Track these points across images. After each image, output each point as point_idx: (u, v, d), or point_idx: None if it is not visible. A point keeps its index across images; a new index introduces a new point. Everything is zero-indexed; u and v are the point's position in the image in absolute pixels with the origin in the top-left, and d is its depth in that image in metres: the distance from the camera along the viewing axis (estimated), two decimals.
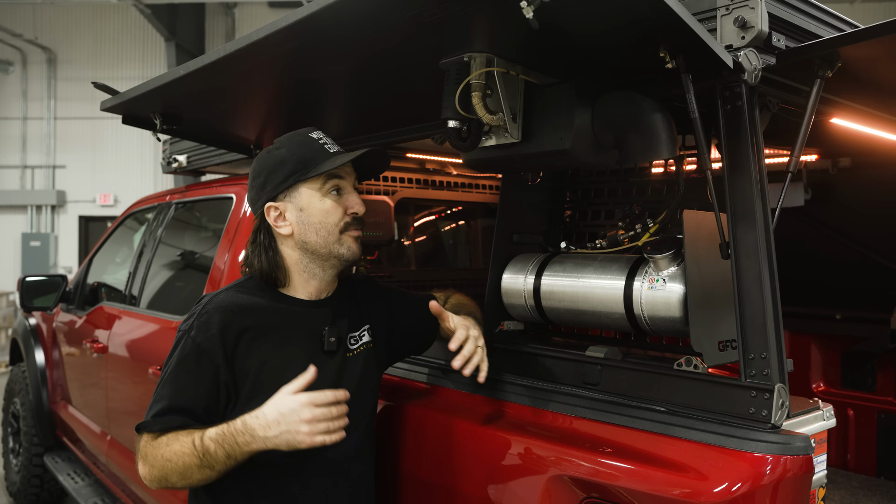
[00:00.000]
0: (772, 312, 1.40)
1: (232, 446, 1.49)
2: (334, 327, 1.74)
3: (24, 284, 4.13)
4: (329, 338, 1.72)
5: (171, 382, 1.62)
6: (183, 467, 1.52)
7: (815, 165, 2.98)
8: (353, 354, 1.77)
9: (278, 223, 1.69)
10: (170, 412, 1.58)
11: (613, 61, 1.58)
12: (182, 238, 3.62)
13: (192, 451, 1.51)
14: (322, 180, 1.69)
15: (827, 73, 1.49)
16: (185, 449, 1.52)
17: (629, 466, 1.40)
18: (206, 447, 1.50)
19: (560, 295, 1.85)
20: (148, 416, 1.60)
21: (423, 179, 3.28)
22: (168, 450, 1.53)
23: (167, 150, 3.83)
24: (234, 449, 1.49)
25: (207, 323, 1.63)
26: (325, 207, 1.69)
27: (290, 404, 1.48)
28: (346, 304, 1.82)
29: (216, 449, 1.49)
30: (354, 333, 1.79)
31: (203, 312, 1.65)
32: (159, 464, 1.54)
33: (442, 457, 1.79)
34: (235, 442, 1.49)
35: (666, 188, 1.93)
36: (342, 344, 1.75)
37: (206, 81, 1.89)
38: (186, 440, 1.53)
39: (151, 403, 1.62)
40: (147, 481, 1.59)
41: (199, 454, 1.50)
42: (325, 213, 1.69)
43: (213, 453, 1.49)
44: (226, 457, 1.49)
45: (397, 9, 1.28)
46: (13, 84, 15.27)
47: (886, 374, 3.05)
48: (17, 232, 14.97)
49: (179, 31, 13.51)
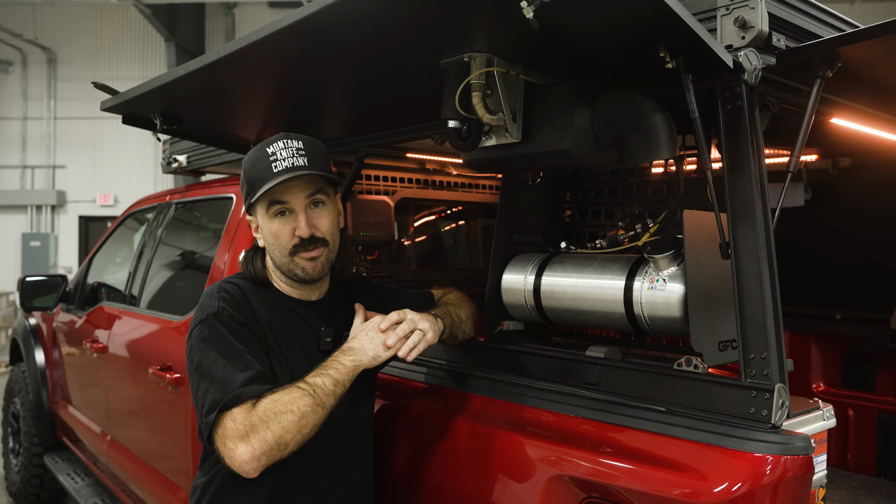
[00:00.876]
0: (772, 312, 1.40)
1: (336, 368, 1.57)
2: (330, 327, 1.77)
3: (24, 284, 4.13)
4: (325, 338, 1.75)
5: (234, 356, 1.56)
6: (300, 414, 1.48)
7: (815, 165, 2.98)
8: None
9: (256, 234, 1.77)
10: (255, 380, 1.53)
11: (613, 61, 1.57)
12: (182, 238, 3.62)
13: (302, 393, 1.50)
14: (265, 203, 1.68)
15: (827, 73, 1.49)
16: (294, 394, 1.50)
17: (629, 466, 1.40)
18: (312, 383, 1.53)
19: (560, 295, 1.85)
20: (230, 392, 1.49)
21: (423, 179, 3.28)
22: (278, 403, 1.48)
23: (167, 150, 3.83)
24: (338, 370, 1.56)
25: (233, 301, 1.67)
26: (273, 230, 1.70)
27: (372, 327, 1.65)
28: (340, 304, 1.83)
29: (322, 380, 1.53)
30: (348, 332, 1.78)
31: (223, 293, 1.69)
32: (274, 421, 1.46)
33: (441, 457, 1.79)
34: (338, 362, 1.58)
35: (666, 188, 1.93)
36: (337, 344, 1.74)
37: (206, 81, 1.88)
38: (289, 390, 1.52)
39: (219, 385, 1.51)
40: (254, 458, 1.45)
41: (310, 391, 1.51)
42: (273, 235, 1.70)
43: (321, 385, 1.53)
44: (333, 384, 1.54)
45: (397, 9, 1.28)
46: (13, 84, 15.27)
47: (886, 374, 3.05)
48: (17, 232, 14.97)
49: (179, 31, 13.51)
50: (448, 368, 1.96)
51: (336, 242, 1.76)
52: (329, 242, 1.73)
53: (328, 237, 1.72)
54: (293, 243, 1.68)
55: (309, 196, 1.69)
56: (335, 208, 1.77)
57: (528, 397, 1.71)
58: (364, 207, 2.91)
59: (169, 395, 2.77)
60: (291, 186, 1.67)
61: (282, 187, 1.65)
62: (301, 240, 1.68)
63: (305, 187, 1.68)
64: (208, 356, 1.57)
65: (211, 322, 1.62)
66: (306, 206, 1.69)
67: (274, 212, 1.68)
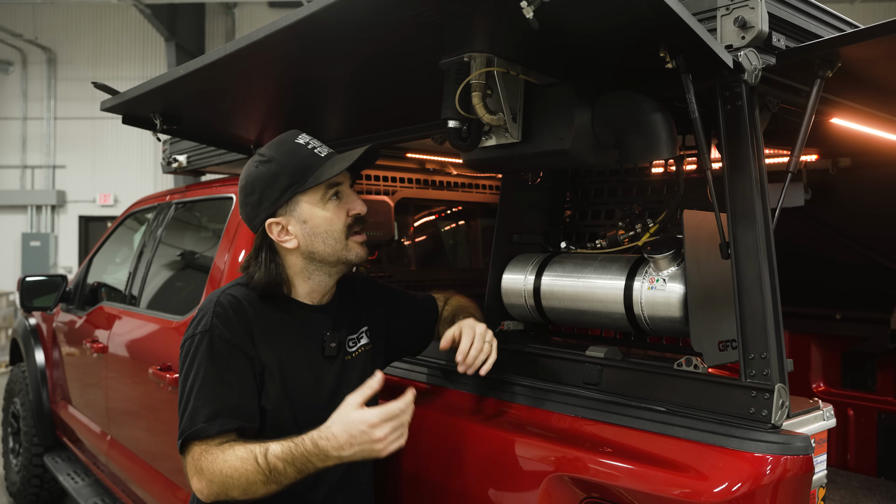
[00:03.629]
0: (772, 312, 1.40)
1: (304, 464, 1.44)
2: (335, 332, 1.73)
3: (24, 284, 4.12)
4: (330, 343, 1.71)
5: (211, 385, 1.54)
6: (247, 484, 1.45)
7: (815, 165, 2.98)
8: (351, 358, 1.77)
9: (282, 237, 1.66)
10: (221, 414, 1.51)
11: (613, 61, 1.57)
12: (182, 238, 3.62)
13: (256, 469, 1.44)
14: (322, 189, 1.65)
15: (827, 73, 1.49)
16: (247, 466, 1.45)
17: (629, 466, 1.40)
18: (272, 465, 1.44)
19: (560, 295, 1.85)
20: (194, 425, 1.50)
21: (423, 179, 3.28)
22: (227, 466, 1.46)
23: (167, 150, 3.82)
24: (306, 467, 1.45)
25: (227, 316, 1.60)
26: (328, 216, 1.66)
27: (359, 426, 1.43)
28: (345, 307, 1.80)
29: (285, 468, 1.44)
30: (353, 336, 1.79)
31: (218, 308, 1.61)
32: (218, 479, 1.46)
33: (442, 457, 1.79)
34: (309, 461, 1.44)
35: (666, 188, 1.93)
36: (342, 348, 1.74)
37: (206, 81, 1.89)
38: (247, 456, 1.45)
39: (189, 413, 1.52)
40: (203, 496, 1.50)
41: (265, 471, 1.44)
42: (329, 221, 1.66)
43: (282, 471, 1.44)
44: (297, 473, 1.45)
45: (397, 9, 1.28)
46: (13, 84, 15.27)
47: (886, 374, 3.05)
48: (17, 232, 14.96)
49: (179, 31, 13.50)
50: (448, 368, 1.96)
51: None
52: None
53: None
54: (348, 224, 1.67)
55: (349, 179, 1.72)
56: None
57: (528, 397, 1.71)
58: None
59: (169, 394, 2.77)
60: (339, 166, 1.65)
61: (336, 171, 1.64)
62: (356, 217, 1.68)
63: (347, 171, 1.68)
64: (190, 377, 1.57)
65: (201, 339, 1.59)
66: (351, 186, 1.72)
67: (330, 195, 1.66)
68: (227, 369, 1.56)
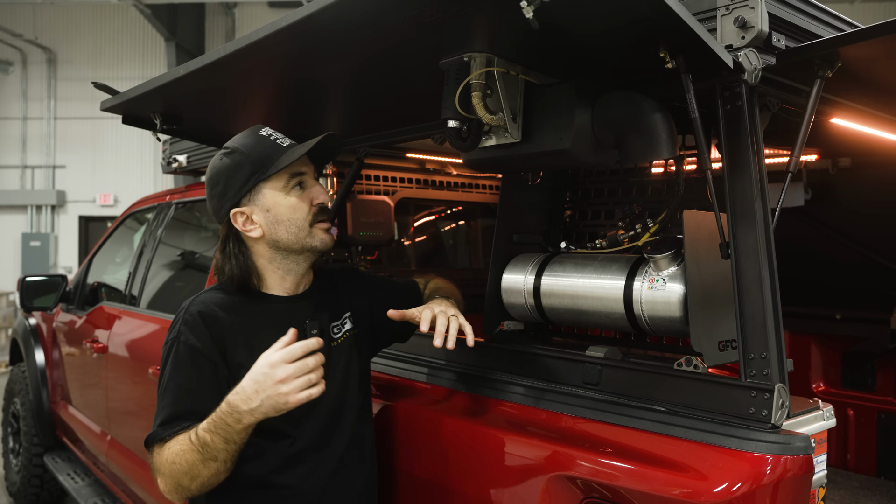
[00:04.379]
0: (772, 312, 1.40)
1: (225, 430, 1.45)
2: (315, 319, 1.73)
3: (24, 284, 4.13)
4: (311, 330, 1.70)
5: (172, 390, 1.59)
6: (188, 466, 1.48)
7: (815, 165, 2.98)
8: (337, 343, 1.77)
9: (247, 227, 1.68)
10: (177, 419, 1.55)
11: (613, 61, 1.57)
12: (182, 238, 3.62)
13: (190, 448, 1.48)
14: (284, 177, 1.68)
15: (827, 73, 1.49)
16: (184, 447, 1.49)
17: (629, 466, 1.40)
18: (202, 439, 1.47)
19: (560, 295, 1.85)
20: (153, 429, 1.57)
21: (423, 179, 3.28)
22: (170, 453, 1.51)
23: (167, 150, 3.83)
24: (227, 432, 1.45)
25: (194, 324, 1.62)
26: (291, 203, 1.68)
27: (262, 369, 1.44)
28: (325, 295, 1.81)
29: (212, 438, 1.46)
30: (336, 322, 1.79)
31: (187, 316, 1.64)
32: (168, 470, 1.51)
33: (441, 457, 1.79)
34: (226, 424, 1.45)
35: (666, 188, 1.93)
36: (325, 334, 1.74)
37: (206, 81, 1.88)
38: (184, 438, 1.50)
39: (155, 416, 1.59)
40: (166, 494, 1.54)
41: (199, 447, 1.47)
42: (292, 209, 1.68)
43: (210, 443, 1.46)
44: (224, 442, 1.46)
45: (397, 9, 1.28)
46: (13, 84, 15.27)
47: (886, 374, 3.05)
48: (17, 232, 14.97)
49: (179, 31, 13.51)
50: (448, 368, 1.96)
51: None
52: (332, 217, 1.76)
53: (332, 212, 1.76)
54: (312, 212, 1.69)
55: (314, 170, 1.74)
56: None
57: (528, 397, 1.71)
58: (364, 207, 2.91)
59: None
60: (303, 158, 1.69)
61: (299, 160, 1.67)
62: (320, 208, 1.70)
63: (310, 162, 1.73)
64: (160, 383, 1.64)
65: (170, 347, 1.64)
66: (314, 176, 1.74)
67: (294, 184, 1.69)
68: (188, 376, 1.60)
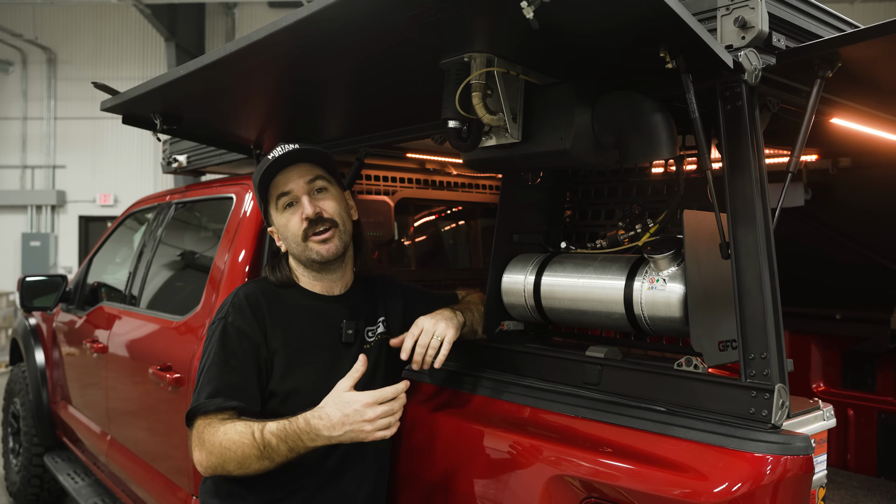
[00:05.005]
0: (772, 312, 1.40)
1: (295, 442, 1.54)
2: (352, 320, 1.83)
3: (24, 284, 4.13)
4: (347, 330, 1.81)
5: (218, 365, 1.68)
6: (242, 457, 1.55)
7: (815, 165, 2.98)
8: (369, 346, 1.85)
9: (278, 242, 1.88)
10: (221, 393, 1.63)
11: (614, 61, 1.57)
12: (182, 238, 3.62)
13: (251, 443, 1.54)
14: (275, 201, 1.81)
15: (827, 73, 1.49)
16: (244, 440, 1.55)
17: (629, 466, 1.40)
18: (266, 441, 1.54)
19: (560, 295, 1.85)
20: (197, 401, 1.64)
21: (423, 179, 3.28)
22: (226, 438, 1.57)
23: (167, 150, 3.82)
24: (297, 445, 1.54)
25: (241, 307, 1.75)
26: (285, 222, 1.81)
27: (353, 405, 1.53)
28: (362, 299, 1.90)
29: (278, 444, 1.54)
30: (371, 326, 1.88)
31: (236, 299, 1.77)
32: (217, 451, 1.57)
33: (441, 457, 1.79)
34: (300, 439, 1.54)
35: (666, 188, 1.93)
36: (359, 336, 1.84)
37: (206, 81, 1.89)
38: (245, 430, 1.56)
39: (198, 390, 1.67)
40: (202, 468, 1.62)
41: (260, 446, 1.54)
42: (286, 227, 1.81)
43: (274, 447, 1.54)
44: (288, 451, 1.54)
45: (397, 9, 1.28)
46: (13, 84, 15.27)
47: (886, 374, 3.05)
48: (17, 232, 14.96)
49: (179, 31, 13.50)
50: (448, 368, 1.96)
51: (347, 226, 1.84)
52: (339, 224, 1.81)
53: (336, 218, 1.81)
54: (303, 228, 1.77)
55: (309, 182, 1.80)
56: (340, 195, 1.86)
57: (528, 397, 1.71)
58: (364, 207, 2.90)
59: (169, 395, 2.77)
60: (292, 174, 1.78)
61: (283, 178, 1.78)
62: (309, 221, 1.76)
63: (304, 173, 1.80)
64: (203, 358, 1.72)
65: (216, 326, 1.75)
66: (309, 192, 1.80)
67: (283, 204, 1.80)
68: (233, 353, 1.69)
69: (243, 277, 2.71)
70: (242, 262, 2.74)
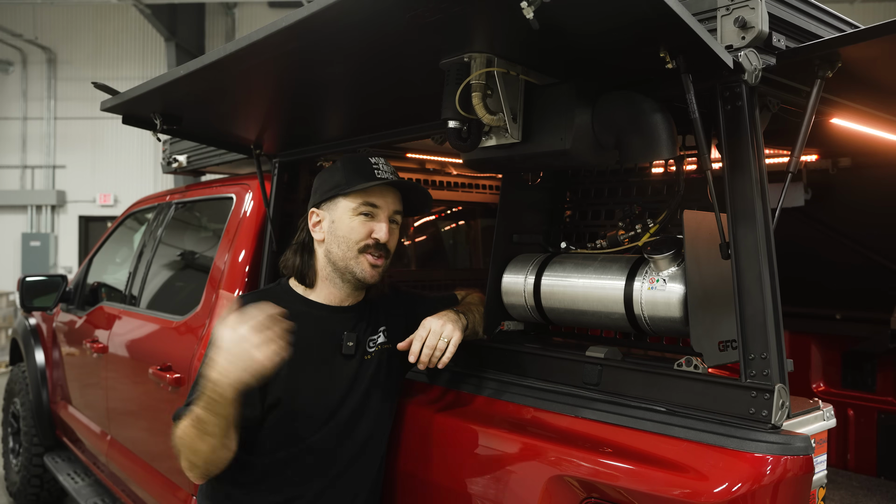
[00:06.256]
0: (772, 312, 1.40)
1: (210, 403, 1.52)
2: (353, 332, 1.83)
3: (24, 284, 4.13)
4: (347, 342, 1.81)
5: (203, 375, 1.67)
6: (189, 441, 1.56)
7: (815, 165, 2.98)
8: (370, 357, 1.85)
9: (315, 228, 1.85)
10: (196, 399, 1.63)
11: (614, 61, 1.57)
12: (182, 238, 3.62)
13: (189, 423, 1.56)
14: (358, 200, 1.79)
15: (827, 73, 1.49)
16: (186, 422, 1.57)
17: (629, 466, 1.40)
18: (196, 414, 1.54)
19: (560, 295, 1.85)
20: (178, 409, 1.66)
21: (423, 179, 3.28)
22: (178, 429, 1.59)
23: (167, 150, 3.82)
24: (212, 405, 1.52)
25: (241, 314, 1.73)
26: (352, 225, 1.79)
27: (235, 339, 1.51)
28: (365, 310, 1.90)
29: (204, 413, 1.53)
30: (372, 337, 1.87)
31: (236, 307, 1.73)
32: (178, 445, 1.59)
33: (442, 457, 1.79)
34: (210, 398, 1.52)
35: (666, 188, 1.93)
36: (360, 347, 1.83)
37: (206, 81, 1.88)
38: (186, 417, 1.58)
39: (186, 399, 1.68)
40: (186, 472, 1.64)
41: (195, 423, 1.55)
42: (350, 229, 1.79)
43: (203, 418, 1.53)
44: (213, 416, 1.53)
45: (397, 9, 1.28)
46: (13, 84, 15.26)
47: (886, 374, 3.05)
48: (17, 232, 14.96)
49: (179, 31, 13.50)
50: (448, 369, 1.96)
51: (390, 261, 1.86)
52: (390, 257, 1.84)
53: (391, 251, 1.84)
54: (365, 242, 1.78)
55: (395, 212, 1.83)
56: (400, 233, 1.90)
57: (528, 397, 1.71)
58: None
59: (169, 395, 2.77)
60: (387, 195, 1.81)
61: (378, 192, 1.79)
62: (376, 242, 1.78)
63: (395, 202, 1.83)
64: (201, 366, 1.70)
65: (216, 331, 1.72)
66: (390, 218, 1.82)
67: (362, 210, 1.79)
68: None
69: (243, 277, 2.72)
70: (242, 262, 2.75)
